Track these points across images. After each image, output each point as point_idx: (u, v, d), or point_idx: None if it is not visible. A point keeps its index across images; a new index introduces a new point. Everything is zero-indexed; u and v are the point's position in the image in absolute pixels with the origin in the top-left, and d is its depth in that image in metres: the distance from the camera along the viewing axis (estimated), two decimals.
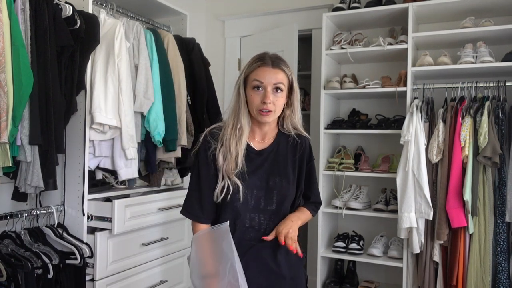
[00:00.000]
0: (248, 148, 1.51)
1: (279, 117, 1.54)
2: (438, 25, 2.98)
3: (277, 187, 1.48)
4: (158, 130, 2.40)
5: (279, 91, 1.45)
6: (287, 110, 1.53)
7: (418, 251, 2.63)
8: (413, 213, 2.60)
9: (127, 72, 2.24)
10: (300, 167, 1.55)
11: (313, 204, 1.61)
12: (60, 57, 1.96)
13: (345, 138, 3.31)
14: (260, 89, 1.44)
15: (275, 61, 1.46)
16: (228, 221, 1.43)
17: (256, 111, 1.45)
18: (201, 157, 1.50)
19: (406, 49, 2.78)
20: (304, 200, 1.60)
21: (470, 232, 2.52)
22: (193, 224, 1.52)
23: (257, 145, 1.53)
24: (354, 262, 3.08)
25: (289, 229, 1.42)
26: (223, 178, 1.46)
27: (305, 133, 1.58)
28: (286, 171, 1.51)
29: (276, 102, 1.45)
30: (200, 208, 1.49)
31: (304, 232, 3.69)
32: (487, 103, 2.54)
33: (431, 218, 2.57)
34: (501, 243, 2.47)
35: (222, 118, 1.60)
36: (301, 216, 1.52)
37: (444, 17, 2.93)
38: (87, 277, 2.10)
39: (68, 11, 1.99)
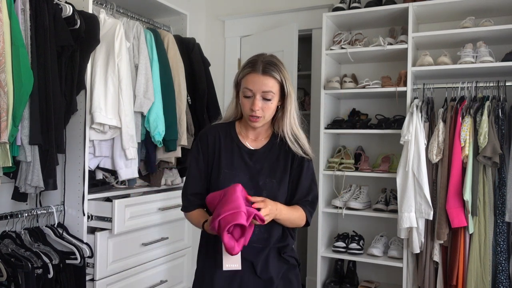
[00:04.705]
0: (241, 146, 1.54)
1: (273, 118, 1.54)
2: (438, 25, 2.98)
3: (267, 187, 1.49)
4: (158, 130, 2.40)
5: (267, 100, 1.45)
6: (279, 112, 1.53)
7: (418, 251, 2.63)
8: (413, 213, 2.60)
9: (127, 72, 2.24)
10: (292, 168, 1.53)
11: (309, 205, 1.54)
12: (60, 57, 1.96)
13: (345, 138, 3.31)
14: (250, 96, 1.46)
15: (266, 67, 1.44)
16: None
17: (247, 117, 1.49)
18: (193, 147, 1.60)
19: (406, 49, 2.78)
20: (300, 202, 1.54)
21: (470, 232, 2.52)
22: (186, 215, 1.57)
23: (251, 144, 1.55)
24: (354, 262, 3.08)
25: (270, 207, 1.36)
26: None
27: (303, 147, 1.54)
28: (276, 172, 1.51)
29: (265, 109, 1.46)
30: (192, 194, 1.53)
31: (304, 232, 3.69)
32: (487, 103, 2.54)
33: (431, 218, 2.57)
34: (501, 243, 2.47)
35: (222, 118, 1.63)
36: (291, 212, 1.48)
37: (444, 17, 2.93)
38: (87, 277, 2.10)
39: (68, 11, 2.00)
